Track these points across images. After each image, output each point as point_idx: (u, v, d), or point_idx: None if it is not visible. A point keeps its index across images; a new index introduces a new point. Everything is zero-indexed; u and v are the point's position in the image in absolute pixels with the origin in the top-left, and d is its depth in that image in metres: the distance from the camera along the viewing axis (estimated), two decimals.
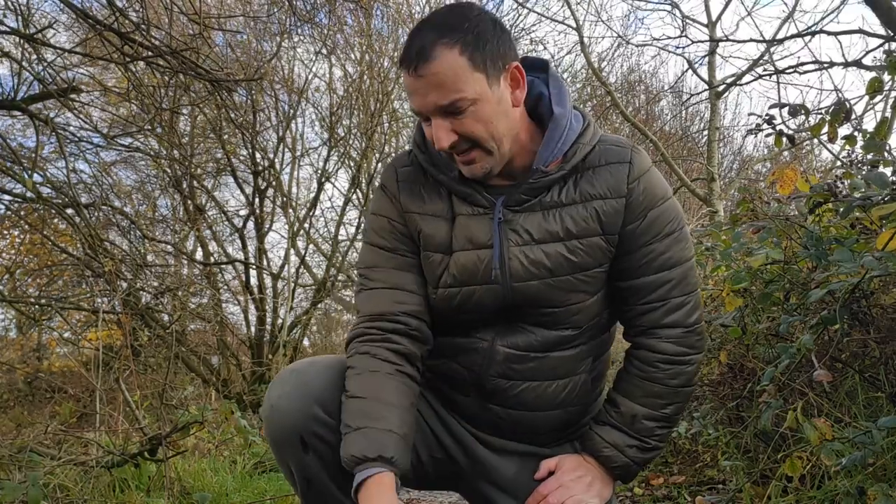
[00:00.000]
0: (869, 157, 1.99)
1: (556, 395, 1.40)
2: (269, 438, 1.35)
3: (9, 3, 2.84)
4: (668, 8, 6.55)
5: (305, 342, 8.43)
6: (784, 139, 2.11)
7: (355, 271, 1.58)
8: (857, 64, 2.67)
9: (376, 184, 1.46)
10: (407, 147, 1.46)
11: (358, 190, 7.92)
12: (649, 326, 1.36)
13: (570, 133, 1.30)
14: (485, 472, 1.47)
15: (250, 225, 7.14)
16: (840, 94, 2.05)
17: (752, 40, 6.34)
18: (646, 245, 1.32)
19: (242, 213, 7.32)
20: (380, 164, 8.04)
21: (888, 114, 3.70)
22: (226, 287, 7.68)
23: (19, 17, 2.85)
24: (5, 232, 6.17)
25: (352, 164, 7.92)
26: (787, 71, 3.56)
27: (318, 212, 8.32)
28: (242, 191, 7.22)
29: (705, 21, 6.93)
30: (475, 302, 1.34)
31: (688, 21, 6.40)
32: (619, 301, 1.40)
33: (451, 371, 1.42)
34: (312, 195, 7.84)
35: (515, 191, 1.31)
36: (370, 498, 1.19)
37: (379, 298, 1.35)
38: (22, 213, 4.66)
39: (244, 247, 7.14)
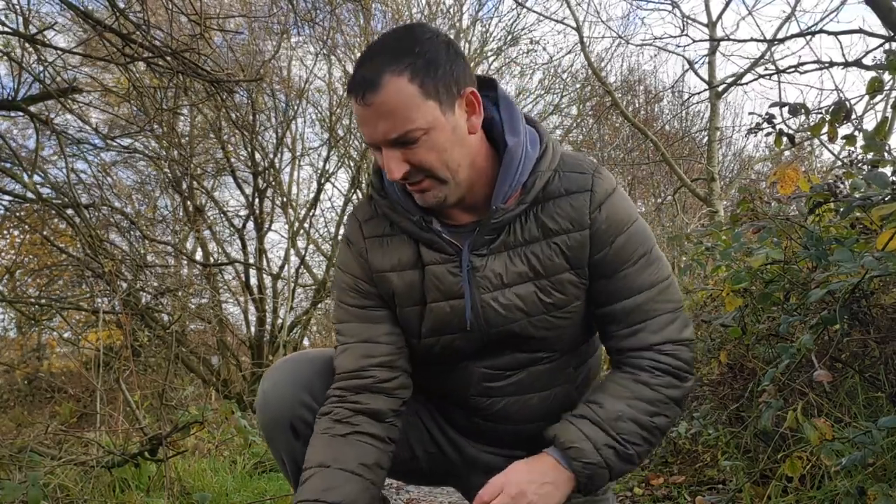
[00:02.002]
0: (869, 157, 1.99)
1: (538, 408, 1.38)
2: (261, 427, 1.40)
3: (9, 3, 2.84)
4: (669, 7, 6.55)
5: (305, 342, 8.42)
6: (784, 139, 2.11)
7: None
8: (858, 64, 2.67)
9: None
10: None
11: (358, 190, 7.91)
12: (636, 348, 1.29)
13: (526, 162, 1.24)
14: (476, 468, 1.50)
15: (250, 225, 7.14)
16: (840, 94, 2.05)
17: (752, 40, 6.33)
18: (619, 272, 1.27)
19: (242, 213, 7.33)
20: None
21: (888, 114, 3.70)
22: (226, 287, 7.68)
23: (19, 18, 2.85)
24: (5, 232, 6.17)
25: (352, 164, 7.92)
26: (788, 70, 3.57)
27: (318, 212, 8.33)
28: (242, 191, 7.22)
29: (706, 21, 6.93)
30: (455, 347, 1.33)
31: (688, 21, 6.40)
32: (600, 325, 1.36)
33: (435, 388, 1.44)
34: (312, 195, 7.85)
35: (479, 233, 1.26)
36: None
37: (349, 355, 1.33)
38: (22, 213, 4.66)
39: (244, 247, 7.14)
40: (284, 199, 7.51)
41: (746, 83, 7.14)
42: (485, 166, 1.25)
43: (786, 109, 2.04)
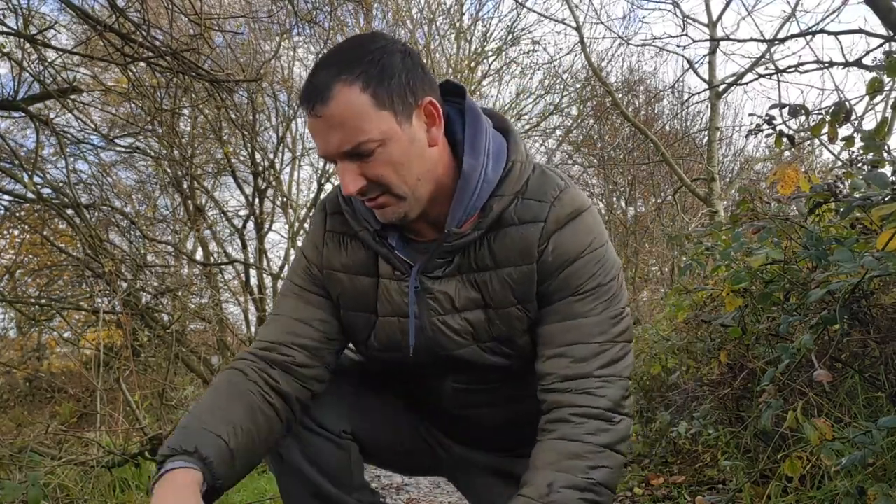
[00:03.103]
0: (869, 157, 1.99)
1: (522, 412, 1.32)
2: None
3: (9, 3, 2.84)
4: (670, 7, 6.56)
5: None
6: (784, 139, 2.11)
7: None
8: (858, 64, 2.68)
9: None
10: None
11: None
12: (555, 376, 1.18)
13: (484, 185, 1.17)
14: (471, 466, 1.52)
15: (250, 225, 7.15)
16: (841, 94, 2.05)
17: (752, 40, 6.34)
18: (561, 300, 1.19)
19: (242, 213, 7.34)
20: None
21: (888, 114, 3.70)
22: (226, 287, 7.69)
23: (20, 18, 2.86)
24: (5, 232, 6.17)
25: None
26: (788, 70, 3.57)
27: None
28: (242, 191, 7.24)
29: (706, 21, 6.94)
30: (410, 363, 1.30)
31: (688, 21, 6.40)
32: (536, 346, 1.26)
33: (416, 398, 1.45)
34: (312, 195, 7.85)
35: (432, 256, 1.21)
36: (165, 489, 1.04)
37: (275, 327, 1.30)
38: (22, 213, 4.67)
39: (244, 247, 7.16)
40: (284, 199, 7.52)
41: (747, 83, 7.15)
42: (448, 182, 1.19)
43: (786, 110, 2.04)
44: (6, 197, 3.68)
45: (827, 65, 3.00)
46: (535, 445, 1.18)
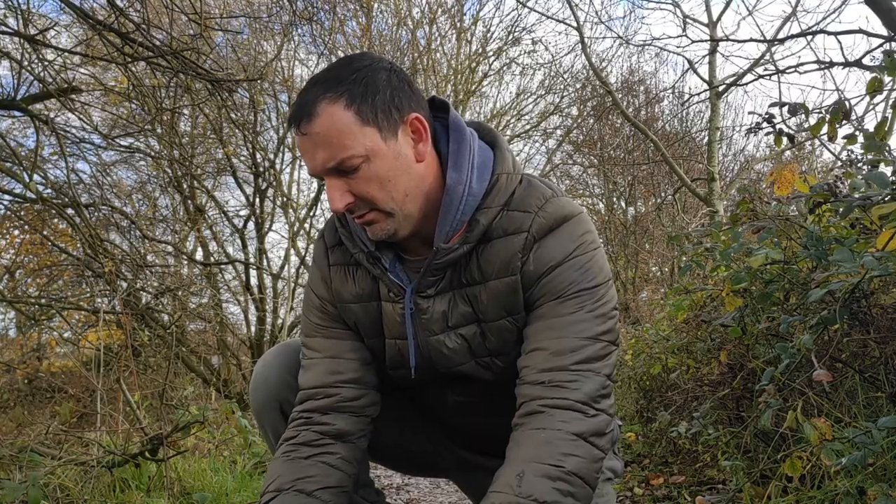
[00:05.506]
0: (869, 156, 1.99)
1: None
2: (252, 406, 1.44)
3: (9, 3, 2.84)
4: (670, 7, 6.56)
5: None
6: (784, 138, 2.11)
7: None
8: (858, 64, 2.67)
9: None
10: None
11: None
12: (531, 369, 1.16)
13: (469, 199, 1.17)
14: (476, 469, 1.54)
15: (250, 225, 7.15)
16: (841, 94, 2.04)
17: (752, 40, 6.34)
18: (544, 304, 1.18)
19: (243, 213, 7.35)
20: None
21: (888, 114, 3.70)
22: (226, 287, 7.70)
23: (20, 18, 2.86)
24: (5, 232, 6.17)
25: None
26: (788, 71, 3.58)
27: (318, 212, 8.35)
28: (243, 191, 7.25)
29: (706, 21, 6.94)
30: (416, 380, 1.32)
31: (688, 21, 6.41)
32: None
33: (419, 404, 1.48)
34: (313, 195, 7.85)
35: (424, 274, 1.21)
36: None
37: (315, 371, 1.31)
38: (22, 213, 4.67)
39: (244, 247, 7.16)
40: (285, 199, 7.52)
41: (747, 83, 7.16)
42: (438, 197, 1.19)
43: (785, 109, 2.04)
44: (6, 197, 3.69)
45: (827, 65, 2.99)
46: (509, 442, 1.16)
